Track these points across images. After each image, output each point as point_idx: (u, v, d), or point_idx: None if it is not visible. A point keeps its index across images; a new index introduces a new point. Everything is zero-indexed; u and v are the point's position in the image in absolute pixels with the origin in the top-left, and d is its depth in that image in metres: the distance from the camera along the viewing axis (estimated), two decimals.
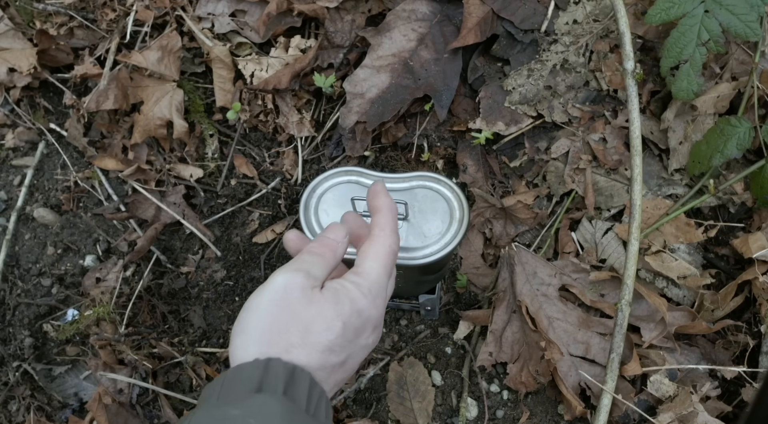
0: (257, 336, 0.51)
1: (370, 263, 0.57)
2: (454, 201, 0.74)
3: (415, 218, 0.74)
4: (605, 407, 0.85)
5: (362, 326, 0.55)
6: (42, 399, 1.06)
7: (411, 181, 0.75)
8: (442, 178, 0.75)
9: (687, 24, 0.89)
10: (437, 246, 0.72)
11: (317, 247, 0.58)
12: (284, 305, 0.52)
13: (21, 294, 1.12)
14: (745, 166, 0.95)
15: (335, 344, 0.52)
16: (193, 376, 1.04)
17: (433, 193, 0.75)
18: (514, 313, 0.94)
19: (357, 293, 0.55)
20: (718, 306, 0.92)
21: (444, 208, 0.74)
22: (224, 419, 0.44)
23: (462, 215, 0.73)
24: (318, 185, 0.76)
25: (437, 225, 0.73)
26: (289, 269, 0.54)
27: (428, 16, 1.04)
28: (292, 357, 0.51)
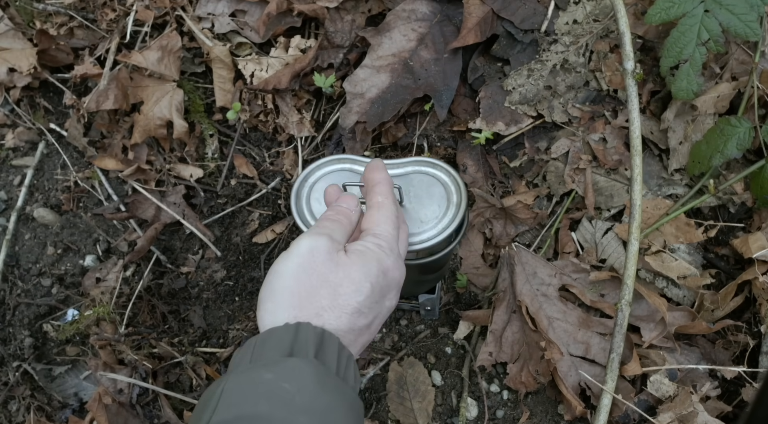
0: (286, 300, 0.52)
1: (384, 226, 0.58)
2: (451, 185, 0.72)
3: (411, 204, 0.72)
4: (605, 407, 0.85)
5: (388, 286, 0.56)
6: (42, 399, 1.06)
7: (407, 167, 0.74)
8: (438, 163, 0.73)
9: (687, 24, 0.89)
10: (434, 231, 0.70)
11: (333, 214, 0.59)
12: (312, 269, 0.52)
13: (21, 294, 1.12)
14: (745, 166, 0.95)
15: (363, 306, 0.53)
16: (193, 376, 1.04)
17: (429, 178, 0.73)
18: (514, 313, 0.94)
19: (381, 254, 0.55)
20: (718, 306, 0.92)
21: (441, 193, 0.72)
22: (258, 383, 0.45)
23: (459, 198, 0.71)
24: (310, 174, 0.74)
25: (434, 210, 0.71)
26: (312, 233, 0.55)
27: (428, 16, 1.04)
28: (323, 321, 0.51)
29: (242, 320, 1.07)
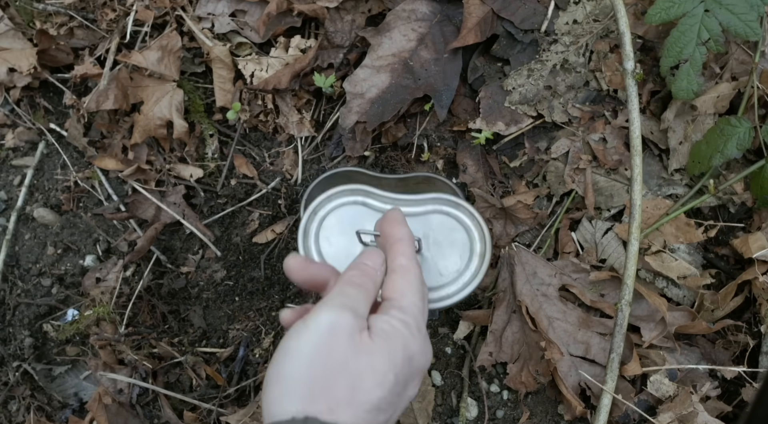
0: (297, 388, 0.44)
1: (410, 298, 0.51)
2: (475, 231, 0.65)
3: (430, 252, 0.65)
4: (605, 407, 0.85)
5: (412, 374, 0.49)
6: (42, 399, 1.06)
7: (426, 205, 0.66)
8: (460, 202, 0.66)
9: (687, 23, 0.89)
10: (455, 286, 0.63)
11: (358, 276, 0.51)
12: (330, 352, 0.45)
13: (21, 294, 1.12)
14: (745, 166, 0.95)
15: (384, 401, 0.46)
16: (193, 376, 1.04)
17: (450, 221, 0.66)
18: (514, 313, 0.94)
19: (408, 335, 0.48)
20: (718, 306, 0.92)
21: (463, 240, 0.65)
22: None
23: (483, 248, 0.64)
24: (319, 207, 0.67)
25: (455, 261, 0.64)
26: (335, 306, 0.47)
27: (428, 16, 1.04)
28: (336, 417, 0.43)
29: (242, 320, 1.08)
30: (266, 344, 1.05)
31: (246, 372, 1.04)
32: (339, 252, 0.65)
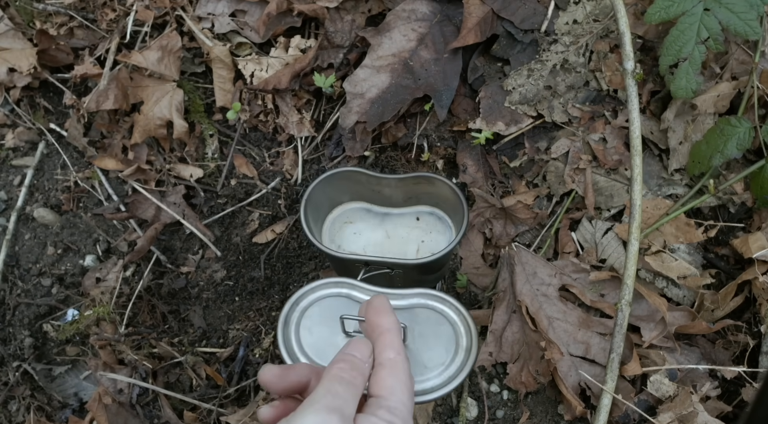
0: None
1: (399, 396, 0.48)
2: (461, 326, 0.64)
3: (415, 344, 0.63)
4: (605, 407, 0.85)
5: None
6: (42, 399, 1.07)
7: (411, 299, 0.66)
8: (447, 298, 0.65)
9: (686, 22, 0.89)
10: (439, 379, 0.61)
11: (347, 371, 0.48)
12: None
13: (21, 294, 1.12)
14: (745, 166, 0.95)
15: None
16: (193, 376, 1.04)
17: (436, 315, 0.65)
18: (514, 313, 0.94)
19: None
20: (718, 306, 0.91)
21: (449, 334, 0.64)
22: None
23: (470, 343, 0.62)
24: (302, 298, 0.66)
25: (440, 354, 0.63)
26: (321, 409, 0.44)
27: (428, 16, 1.04)
28: None
29: (242, 320, 1.07)
30: (266, 344, 1.04)
31: (246, 372, 1.04)
32: (319, 342, 0.64)
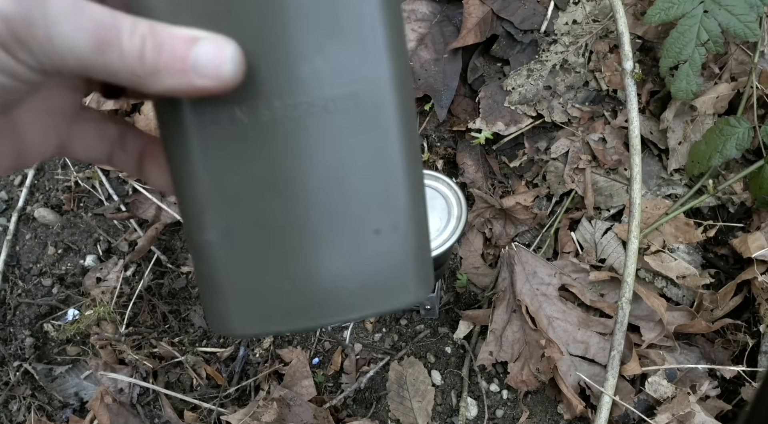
0: None
1: None
2: (452, 198, 0.75)
3: None
4: (606, 405, 0.85)
5: None
6: (43, 399, 1.07)
7: None
8: (440, 176, 0.75)
9: (686, 24, 0.89)
10: (435, 243, 0.72)
11: None
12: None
13: (22, 294, 1.12)
14: (744, 166, 0.95)
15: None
16: (194, 375, 1.04)
17: (431, 191, 0.76)
18: (514, 312, 0.94)
19: None
20: (718, 306, 0.92)
21: (441, 205, 0.75)
22: None
23: (460, 211, 0.73)
24: None
25: (435, 222, 0.74)
26: None
27: (428, 16, 1.04)
28: None
29: None
30: (266, 344, 1.05)
31: (246, 372, 1.04)
32: None
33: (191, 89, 0.31)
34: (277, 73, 0.33)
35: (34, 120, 0.36)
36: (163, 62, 0.30)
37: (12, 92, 0.29)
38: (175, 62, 0.30)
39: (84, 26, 0.28)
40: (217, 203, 0.35)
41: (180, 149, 0.35)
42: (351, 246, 0.36)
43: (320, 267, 0.36)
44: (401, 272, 0.38)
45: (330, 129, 0.34)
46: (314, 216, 0.35)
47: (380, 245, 0.37)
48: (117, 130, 0.40)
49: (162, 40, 0.30)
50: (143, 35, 0.30)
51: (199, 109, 0.34)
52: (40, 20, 0.27)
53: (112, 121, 0.40)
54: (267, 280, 0.36)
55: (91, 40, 0.28)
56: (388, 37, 0.35)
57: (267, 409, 0.93)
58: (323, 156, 0.35)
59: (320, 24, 0.33)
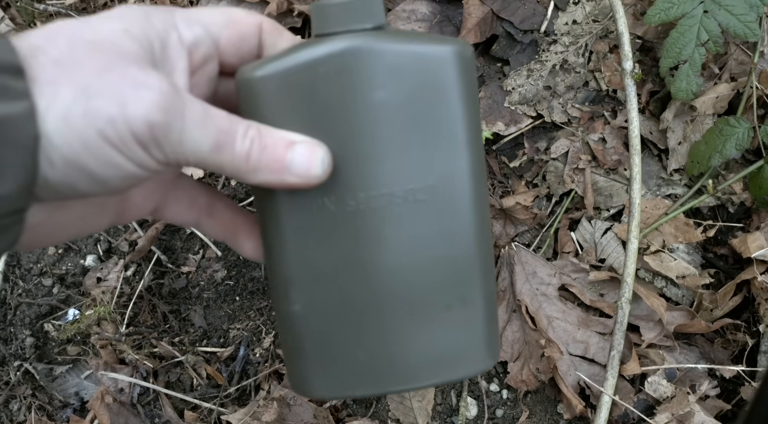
0: None
1: None
2: None
3: None
4: (606, 404, 0.85)
5: None
6: (43, 398, 1.07)
7: None
8: None
9: (686, 24, 0.89)
10: None
11: None
12: None
13: (22, 294, 1.12)
14: (744, 166, 0.95)
15: None
16: (194, 375, 1.04)
17: None
18: (514, 312, 0.95)
19: None
20: (717, 305, 0.92)
21: None
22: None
23: None
24: None
25: None
26: None
27: (428, 16, 1.04)
28: None
29: (242, 320, 1.08)
30: (267, 344, 1.05)
31: (246, 372, 1.04)
32: None
33: (282, 185, 0.36)
34: (364, 169, 0.37)
35: (140, 190, 0.41)
36: (264, 162, 0.35)
37: (138, 180, 0.34)
38: (273, 162, 0.35)
39: (209, 131, 0.33)
40: (304, 279, 0.39)
41: (273, 231, 0.39)
42: (423, 321, 0.39)
43: (394, 340, 0.39)
44: (469, 344, 0.40)
45: (409, 217, 0.38)
46: (390, 294, 0.38)
47: (451, 320, 0.39)
48: (207, 199, 0.45)
49: (266, 143, 0.35)
50: (252, 138, 0.34)
51: (292, 198, 0.38)
52: (177, 126, 0.32)
53: (203, 191, 0.45)
54: (345, 350, 0.39)
55: (212, 143, 0.33)
56: (468, 137, 0.38)
57: (267, 409, 0.93)
58: (401, 241, 0.38)
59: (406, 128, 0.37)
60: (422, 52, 0.36)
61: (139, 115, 0.30)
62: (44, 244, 0.40)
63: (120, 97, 0.30)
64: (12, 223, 0.31)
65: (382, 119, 0.36)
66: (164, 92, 0.31)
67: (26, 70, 0.29)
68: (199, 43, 0.37)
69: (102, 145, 0.30)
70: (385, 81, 0.36)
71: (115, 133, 0.30)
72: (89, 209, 0.39)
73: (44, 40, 0.31)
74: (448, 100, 0.37)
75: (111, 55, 0.32)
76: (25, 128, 0.29)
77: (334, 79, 0.36)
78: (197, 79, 0.39)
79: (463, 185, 0.38)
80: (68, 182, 0.31)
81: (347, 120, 0.36)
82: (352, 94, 0.36)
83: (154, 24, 0.35)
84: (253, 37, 0.40)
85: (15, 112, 0.28)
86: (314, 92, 0.36)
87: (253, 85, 0.37)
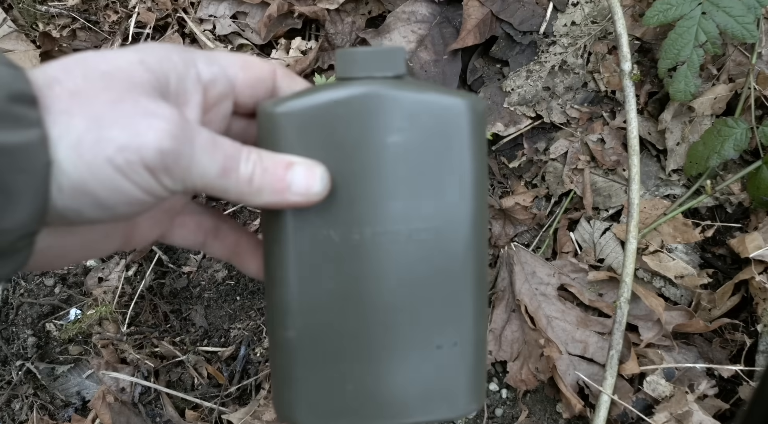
0: None
1: None
2: None
3: None
4: (605, 404, 0.85)
5: None
6: (45, 398, 1.07)
7: None
8: None
9: (684, 26, 0.89)
10: None
11: None
12: None
13: (24, 294, 1.12)
14: (741, 167, 0.95)
15: None
16: (195, 375, 1.04)
17: None
18: (514, 312, 0.95)
19: None
20: (715, 305, 0.92)
21: None
22: None
23: None
24: None
25: None
26: None
27: (428, 17, 1.05)
28: None
29: (243, 319, 1.08)
30: (267, 343, 1.05)
31: (247, 371, 1.05)
32: None
33: (284, 204, 0.37)
34: (372, 206, 0.38)
35: (148, 217, 0.42)
36: (266, 183, 0.36)
37: (146, 206, 0.35)
38: (275, 183, 0.36)
39: (217, 158, 0.34)
40: (301, 307, 0.40)
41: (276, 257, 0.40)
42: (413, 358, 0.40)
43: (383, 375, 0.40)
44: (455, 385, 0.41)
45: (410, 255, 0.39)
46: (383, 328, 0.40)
47: (440, 360, 0.40)
48: (212, 222, 0.46)
49: (266, 165, 0.36)
50: (254, 162, 0.36)
51: (299, 227, 0.39)
52: (187, 152, 0.33)
53: (209, 214, 0.47)
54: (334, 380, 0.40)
55: (219, 168, 0.34)
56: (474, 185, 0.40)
57: (268, 408, 0.93)
58: (400, 277, 0.39)
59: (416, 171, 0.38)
60: (438, 103, 0.38)
61: (151, 143, 0.31)
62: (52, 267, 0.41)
63: (132, 126, 0.31)
64: (23, 246, 0.32)
65: (394, 161, 0.38)
66: (174, 121, 0.33)
67: (41, 100, 0.31)
68: (216, 81, 0.39)
69: (110, 172, 0.31)
70: (400, 126, 0.37)
71: (124, 160, 0.31)
72: (96, 235, 0.40)
73: (60, 71, 0.33)
74: (458, 150, 0.38)
75: (124, 85, 0.33)
76: (37, 155, 0.30)
77: (352, 120, 0.37)
78: (212, 115, 0.40)
79: (466, 230, 0.39)
80: (75, 208, 0.32)
81: (360, 159, 0.38)
82: (368, 135, 0.37)
83: (172, 58, 0.36)
84: (269, 80, 0.42)
85: (29, 140, 0.29)
86: (332, 131, 0.37)
87: (275, 119, 0.38)
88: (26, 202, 0.30)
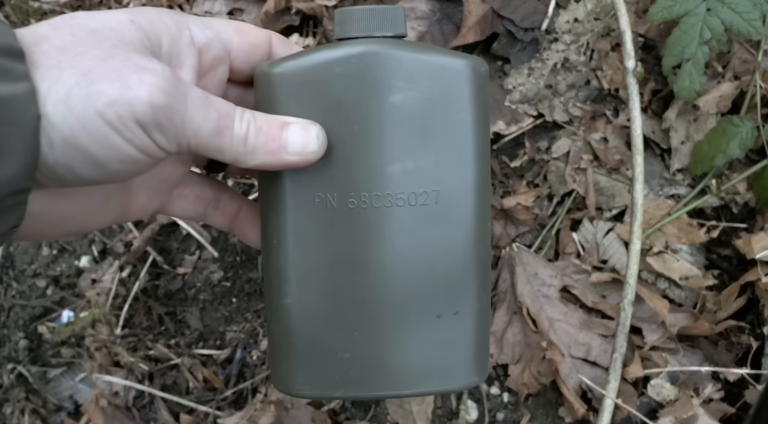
0: None
1: None
2: None
3: None
4: (608, 407, 0.84)
5: None
6: (37, 402, 1.06)
7: None
8: None
9: (689, 22, 0.88)
10: None
11: None
12: None
13: (16, 295, 1.11)
14: (747, 166, 0.94)
15: None
16: (190, 378, 1.03)
17: None
18: (515, 314, 0.94)
19: None
20: (721, 307, 0.91)
21: None
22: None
23: None
24: None
25: None
26: None
27: (428, 14, 1.03)
28: None
29: (239, 322, 1.07)
30: (264, 346, 1.04)
31: (243, 374, 1.03)
32: None
33: (280, 164, 0.37)
34: (371, 169, 0.38)
35: (145, 186, 0.42)
36: (261, 143, 0.36)
37: (141, 166, 0.34)
38: (270, 143, 0.36)
39: (210, 115, 0.34)
40: (299, 273, 0.39)
41: (273, 222, 0.40)
42: (412, 327, 0.39)
43: (381, 344, 0.39)
44: (457, 358, 0.40)
45: (409, 220, 0.38)
46: (382, 296, 0.39)
47: (440, 330, 0.39)
48: (213, 192, 0.46)
49: (261, 125, 0.36)
50: (248, 121, 0.36)
51: (296, 191, 0.39)
52: (179, 109, 0.33)
53: (208, 185, 0.47)
54: (331, 349, 0.39)
55: (213, 126, 0.34)
56: (476, 148, 0.39)
57: (264, 412, 0.92)
58: (399, 243, 0.38)
59: (416, 133, 0.38)
60: (439, 63, 0.37)
61: (142, 97, 0.31)
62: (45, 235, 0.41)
63: (122, 80, 0.31)
64: (15, 203, 0.32)
65: (394, 122, 0.37)
66: (167, 77, 0.32)
67: (29, 56, 0.31)
68: (210, 46, 0.39)
69: (101, 126, 0.31)
70: (401, 86, 0.36)
71: (115, 115, 0.31)
72: (92, 203, 0.39)
73: (49, 29, 0.33)
74: (460, 111, 0.37)
75: (114, 42, 0.33)
76: (26, 109, 0.30)
77: (351, 79, 0.36)
78: (207, 81, 0.40)
79: (468, 195, 0.38)
80: (67, 164, 0.32)
81: (359, 120, 0.37)
82: (368, 95, 0.37)
83: (164, 20, 0.36)
84: (265, 46, 0.41)
85: (16, 92, 0.29)
86: (330, 91, 0.37)
87: (272, 79, 0.37)
88: (16, 155, 0.30)
